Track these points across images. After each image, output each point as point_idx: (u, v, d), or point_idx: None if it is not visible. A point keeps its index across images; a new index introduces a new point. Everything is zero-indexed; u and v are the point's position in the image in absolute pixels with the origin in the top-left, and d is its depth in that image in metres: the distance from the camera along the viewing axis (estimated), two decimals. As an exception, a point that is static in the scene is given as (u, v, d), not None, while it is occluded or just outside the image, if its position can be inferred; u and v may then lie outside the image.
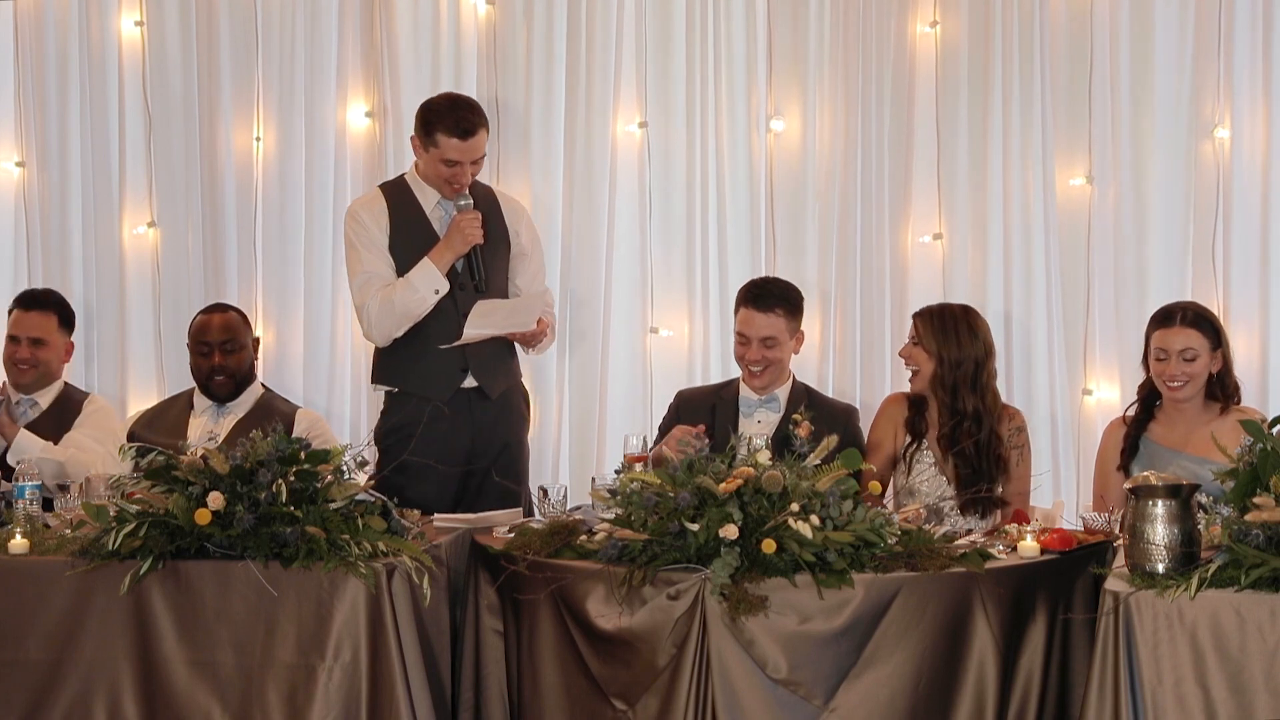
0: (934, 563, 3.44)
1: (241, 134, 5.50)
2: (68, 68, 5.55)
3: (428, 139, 4.52)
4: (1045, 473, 4.84)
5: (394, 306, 4.51)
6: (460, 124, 4.48)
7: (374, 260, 4.56)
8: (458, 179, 4.53)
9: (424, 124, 4.53)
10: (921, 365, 4.48)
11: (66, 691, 3.55)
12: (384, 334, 4.57)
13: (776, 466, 3.48)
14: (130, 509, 3.58)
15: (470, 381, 4.59)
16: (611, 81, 5.35)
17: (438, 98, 4.66)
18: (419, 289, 4.50)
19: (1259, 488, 3.24)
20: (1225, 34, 5.05)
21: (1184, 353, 4.24)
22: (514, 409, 4.73)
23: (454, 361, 4.57)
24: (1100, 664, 3.21)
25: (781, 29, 5.30)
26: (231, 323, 4.85)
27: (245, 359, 4.83)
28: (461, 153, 4.49)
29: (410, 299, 4.50)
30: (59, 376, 5.03)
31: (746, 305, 4.58)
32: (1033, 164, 5.17)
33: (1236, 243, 5.07)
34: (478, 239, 4.53)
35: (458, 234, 4.52)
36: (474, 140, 4.50)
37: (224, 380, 4.79)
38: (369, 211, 4.61)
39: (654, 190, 5.38)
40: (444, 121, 4.49)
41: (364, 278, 4.57)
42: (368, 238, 4.58)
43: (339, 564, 3.49)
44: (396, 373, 4.62)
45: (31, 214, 5.59)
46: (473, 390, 4.60)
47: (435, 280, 4.50)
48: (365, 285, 4.56)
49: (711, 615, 3.37)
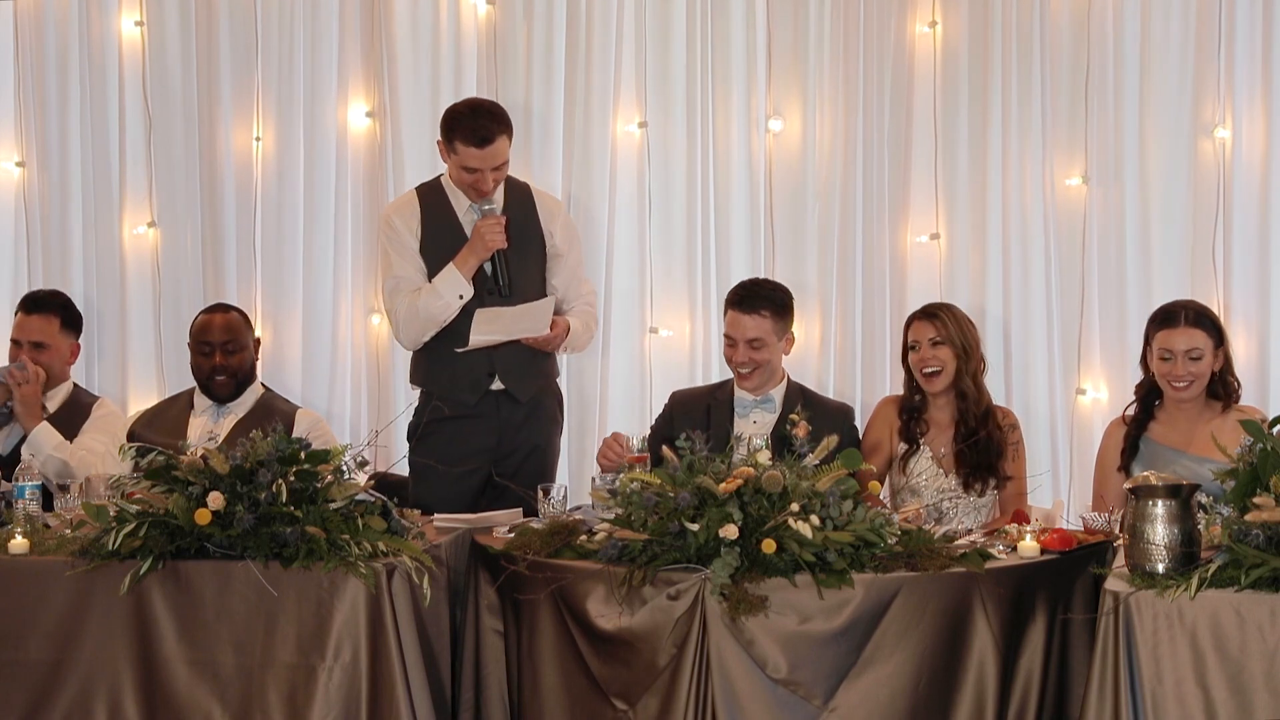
0: (934, 563, 3.45)
1: (241, 134, 5.50)
2: (68, 68, 5.55)
3: (449, 146, 4.52)
4: (1044, 473, 4.85)
5: (419, 312, 4.53)
6: (478, 132, 4.47)
7: (404, 265, 4.58)
8: (479, 185, 4.53)
9: (446, 131, 4.54)
10: (945, 364, 4.46)
11: (66, 691, 3.55)
12: (411, 339, 4.61)
13: (776, 466, 3.48)
14: (130, 509, 3.59)
15: (498, 384, 4.60)
16: (611, 81, 5.36)
17: (460, 104, 4.64)
18: (443, 295, 4.51)
19: (1259, 488, 3.24)
20: (1225, 34, 5.06)
21: (1190, 352, 4.24)
22: (544, 411, 4.73)
23: (481, 365, 4.58)
24: (1100, 664, 3.21)
25: (781, 29, 5.30)
26: (233, 323, 4.85)
27: (246, 359, 4.83)
28: (480, 160, 4.49)
29: (434, 304, 4.52)
30: (66, 378, 5.02)
31: (733, 307, 4.56)
32: (1031, 164, 5.17)
33: (1236, 243, 5.07)
34: (499, 244, 4.53)
35: (479, 239, 4.52)
36: (492, 148, 4.49)
37: (225, 380, 4.79)
38: (401, 216, 4.63)
39: (653, 190, 5.38)
40: (462, 129, 4.48)
41: (394, 282, 4.59)
42: (399, 242, 4.59)
43: (339, 564, 3.49)
44: (427, 374, 4.66)
45: (31, 214, 5.59)
46: (500, 393, 4.61)
47: (459, 286, 4.51)
48: (395, 290, 4.58)
49: (711, 615, 3.37)
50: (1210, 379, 4.28)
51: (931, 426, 4.51)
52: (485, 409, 4.60)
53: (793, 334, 4.63)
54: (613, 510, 3.62)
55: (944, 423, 4.50)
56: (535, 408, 4.68)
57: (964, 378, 4.46)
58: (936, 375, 4.47)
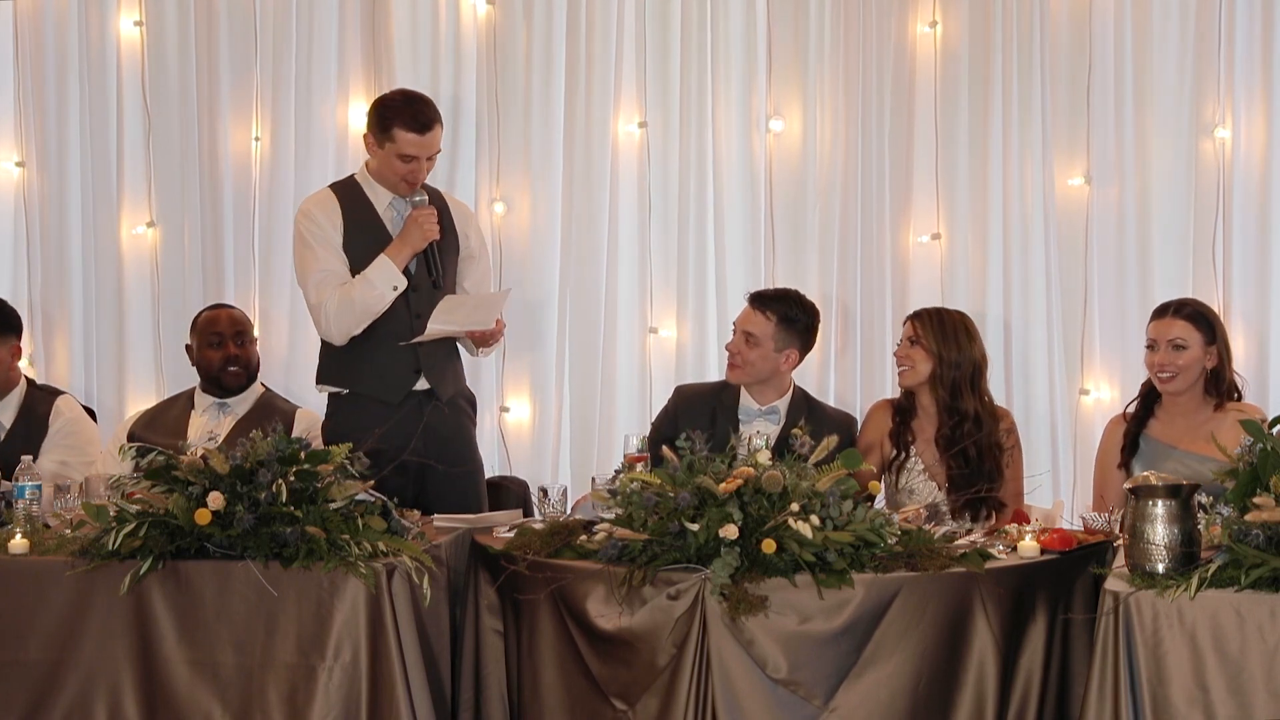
0: (934, 563, 3.44)
1: (240, 134, 5.50)
2: (67, 67, 5.55)
3: (383, 135, 4.47)
4: (1045, 473, 4.85)
5: (354, 303, 4.43)
6: (418, 118, 4.44)
7: (329, 258, 4.49)
8: (414, 174, 4.49)
9: (379, 120, 4.49)
10: (917, 364, 4.48)
11: (66, 691, 3.55)
12: (343, 332, 4.48)
13: (776, 466, 3.48)
14: (130, 509, 3.58)
15: (423, 383, 4.53)
16: (611, 82, 5.35)
17: (391, 94, 4.62)
18: (377, 285, 4.43)
19: (1259, 488, 3.24)
20: (1225, 34, 5.06)
21: (1173, 342, 4.25)
22: (462, 410, 4.67)
23: (407, 363, 4.50)
24: (1100, 664, 3.21)
25: (781, 29, 5.30)
26: (240, 317, 4.89)
27: (255, 352, 4.85)
28: (419, 147, 4.45)
29: (369, 295, 4.42)
30: (15, 383, 4.82)
31: (747, 300, 4.60)
32: (1032, 164, 5.17)
33: (1236, 243, 5.07)
34: (435, 235, 4.48)
35: (416, 229, 4.46)
36: (431, 134, 4.47)
37: (238, 371, 4.78)
38: (322, 210, 4.54)
39: (654, 191, 5.38)
40: (401, 116, 4.44)
41: (320, 275, 4.48)
42: (322, 236, 4.50)
43: (339, 564, 3.49)
44: (347, 374, 4.54)
45: (31, 214, 5.59)
46: (424, 392, 4.54)
47: (393, 277, 4.44)
48: (322, 283, 4.47)
49: (711, 615, 3.37)
50: (1205, 377, 4.28)
51: (919, 436, 4.50)
52: (408, 408, 4.48)
53: (796, 353, 4.58)
54: (613, 510, 3.62)
55: (930, 432, 4.50)
56: (454, 407, 4.60)
57: (938, 385, 4.45)
58: (905, 373, 4.50)
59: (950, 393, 4.43)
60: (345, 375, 4.54)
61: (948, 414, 4.44)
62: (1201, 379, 4.30)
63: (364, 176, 4.60)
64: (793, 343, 4.56)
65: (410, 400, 4.50)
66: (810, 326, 4.61)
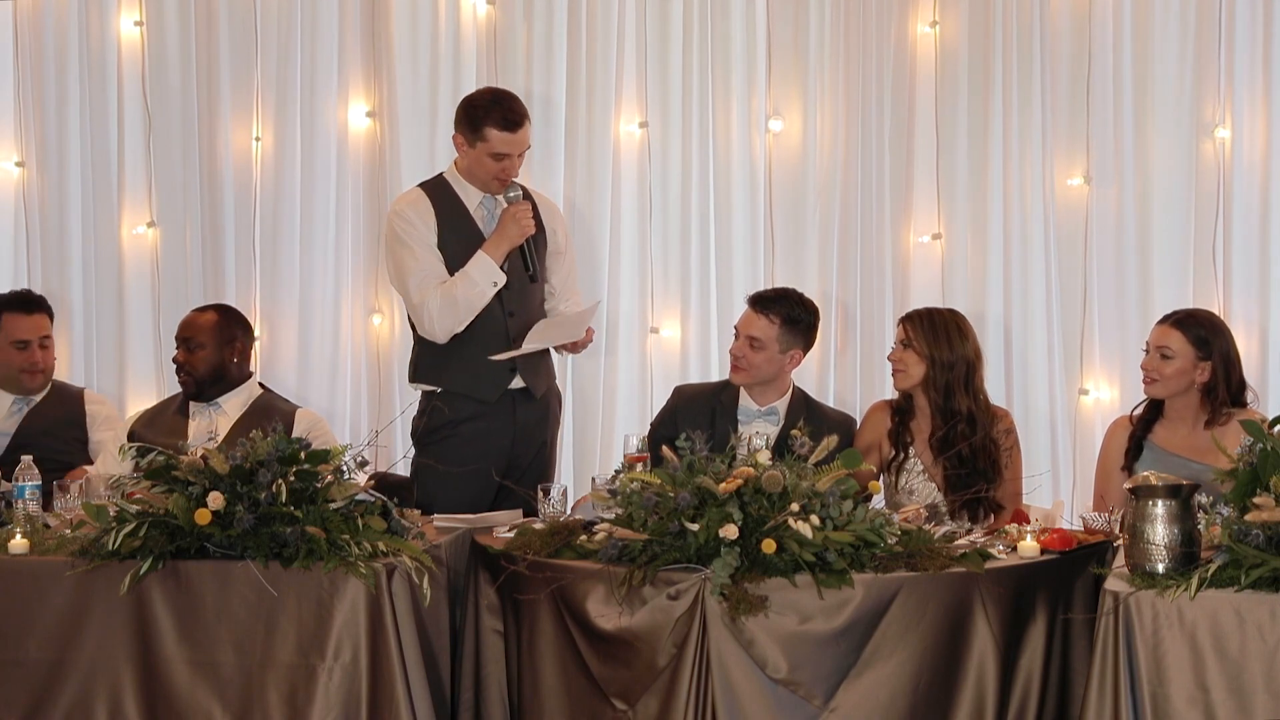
0: (934, 563, 3.44)
1: (241, 134, 5.50)
2: (67, 67, 5.54)
3: (474, 134, 4.50)
4: (1044, 473, 4.84)
5: (457, 301, 4.45)
6: (508, 116, 4.48)
7: (428, 257, 4.51)
8: (507, 172, 4.52)
9: (469, 119, 4.51)
10: (910, 367, 4.47)
11: (67, 691, 3.55)
12: (446, 330, 4.50)
13: (776, 466, 3.48)
14: (130, 509, 3.58)
15: (518, 382, 4.57)
16: (612, 82, 5.36)
17: (479, 93, 4.65)
18: (478, 282, 4.46)
19: (1259, 488, 3.24)
20: (1225, 34, 5.06)
21: (1162, 350, 4.25)
22: (551, 410, 4.73)
23: (504, 362, 4.53)
24: (1100, 664, 3.21)
25: (781, 29, 5.30)
26: (199, 321, 4.76)
27: (206, 359, 4.70)
28: (511, 145, 4.49)
29: (471, 293, 4.45)
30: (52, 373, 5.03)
31: (749, 303, 4.60)
32: (1032, 164, 5.18)
33: (1237, 243, 5.08)
34: (531, 229, 4.51)
35: (513, 224, 4.49)
36: (522, 131, 4.51)
37: (183, 378, 4.72)
38: (415, 209, 4.56)
39: (654, 191, 5.38)
40: (491, 115, 4.48)
41: (421, 275, 4.50)
42: (418, 235, 4.53)
43: (339, 564, 3.49)
44: (443, 372, 4.58)
45: (31, 214, 5.58)
46: (519, 391, 4.59)
47: (493, 273, 4.47)
48: (424, 283, 4.49)
49: (711, 615, 3.37)
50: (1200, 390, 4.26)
51: (917, 437, 4.50)
52: (501, 407, 4.56)
53: (800, 353, 4.60)
54: (613, 510, 3.62)
55: (927, 433, 4.50)
56: (545, 405, 4.68)
57: (930, 388, 4.45)
58: (899, 376, 4.50)
59: (943, 395, 4.43)
60: (441, 374, 4.58)
61: (941, 416, 4.43)
62: (1192, 391, 4.28)
63: (453, 175, 4.62)
64: (796, 343, 4.57)
65: (504, 398, 4.56)
66: (812, 325, 4.62)
